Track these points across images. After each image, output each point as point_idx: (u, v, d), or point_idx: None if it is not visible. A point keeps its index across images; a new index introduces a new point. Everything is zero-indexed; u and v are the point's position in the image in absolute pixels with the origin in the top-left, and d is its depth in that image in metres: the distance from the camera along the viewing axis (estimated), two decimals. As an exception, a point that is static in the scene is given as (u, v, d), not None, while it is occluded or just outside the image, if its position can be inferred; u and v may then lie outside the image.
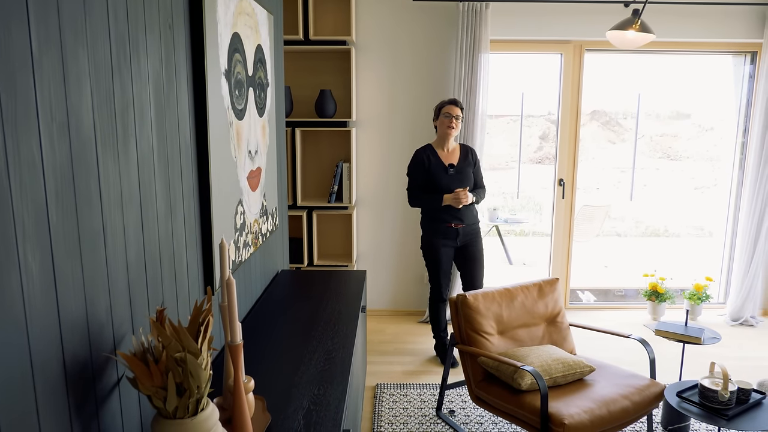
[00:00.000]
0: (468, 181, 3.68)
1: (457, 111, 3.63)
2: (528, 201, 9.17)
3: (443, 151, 3.71)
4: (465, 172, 3.69)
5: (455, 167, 3.68)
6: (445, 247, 3.72)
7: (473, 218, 3.75)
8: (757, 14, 4.40)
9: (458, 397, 3.41)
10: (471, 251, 3.77)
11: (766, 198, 4.51)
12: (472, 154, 3.79)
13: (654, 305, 4.68)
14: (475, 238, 3.78)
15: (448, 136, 3.65)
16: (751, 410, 2.49)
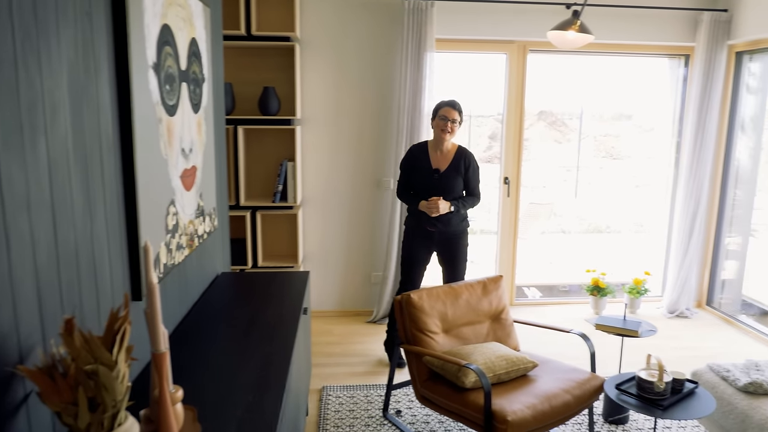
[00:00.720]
0: (452, 188, 3.53)
1: (454, 114, 3.48)
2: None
3: (435, 153, 3.59)
4: (450, 178, 3.53)
5: (440, 173, 3.55)
6: (421, 246, 3.66)
7: (453, 225, 3.58)
8: (689, 19, 4.56)
9: (405, 397, 3.39)
10: (449, 254, 3.67)
11: (698, 196, 4.68)
12: (466, 160, 3.57)
13: (596, 300, 4.79)
14: (455, 241, 3.64)
15: (441, 140, 3.54)
16: (685, 399, 2.56)
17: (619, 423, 3.13)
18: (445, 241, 3.64)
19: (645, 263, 5.21)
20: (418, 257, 3.69)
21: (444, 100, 3.57)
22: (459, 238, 3.66)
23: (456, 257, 3.68)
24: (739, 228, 4.88)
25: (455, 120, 3.50)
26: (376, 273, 4.69)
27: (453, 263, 3.69)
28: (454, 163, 3.56)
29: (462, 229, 3.66)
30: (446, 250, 3.67)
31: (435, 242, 3.65)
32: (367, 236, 4.65)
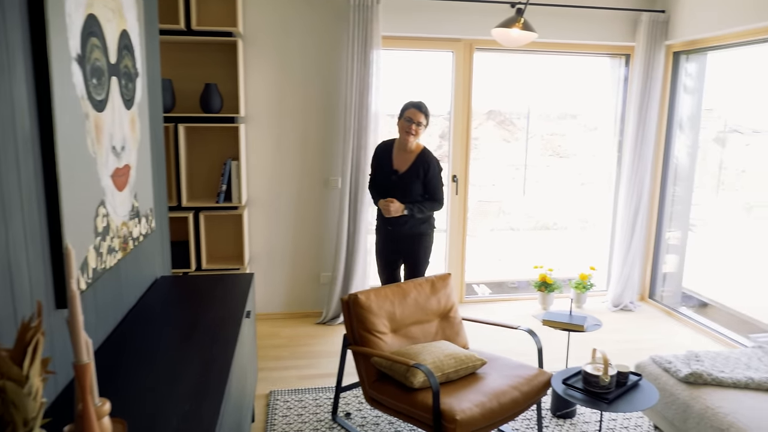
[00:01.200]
0: (409, 191, 3.52)
1: (420, 117, 3.47)
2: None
3: (399, 154, 3.58)
4: (408, 181, 3.52)
5: (399, 175, 3.55)
6: (386, 245, 3.71)
7: (409, 227, 3.58)
8: (629, 19, 4.68)
9: (355, 399, 3.33)
10: (408, 254, 3.67)
11: (640, 192, 4.81)
12: (426, 164, 3.53)
13: (544, 295, 4.86)
14: (414, 241, 3.62)
15: (405, 141, 3.52)
16: (629, 392, 2.61)
17: (566, 417, 3.17)
18: (405, 240, 3.64)
19: (590, 259, 5.33)
20: (386, 256, 3.73)
21: (412, 101, 3.55)
22: (418, 238, 3.64)
23: (414, 257, 3.68)
24: (678, 223, 5.05)
25: (420, 123, 3.49)
26: (325, 273, 4.61)
27: (411, 263, 3.70)
28: (414, 165, 3.54)
29: (422, 231, 3.63)
30: (406, 249, 3.68)
31: (396, 240, 3.66)
32: (315, 236, 4.57)
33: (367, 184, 4.37)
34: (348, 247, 4.45)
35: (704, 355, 2.88)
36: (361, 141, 4.33)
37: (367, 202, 4.41)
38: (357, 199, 4.38)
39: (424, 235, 3.66)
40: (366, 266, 4.54)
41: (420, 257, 3.69)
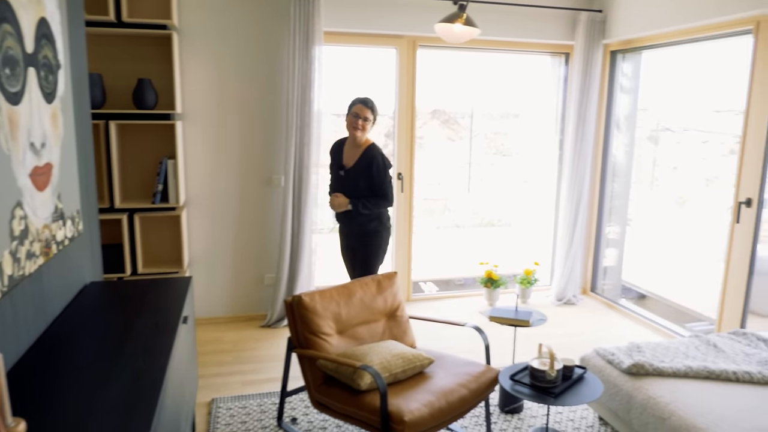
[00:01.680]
0: (355, 186, 3.53)
1: (366, 112, 3.49)
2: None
3: (349, 149, 3.60)
4: (354, 176, 3.54)
5: (346, 170, 3.57)
6: (343, 242, 3.80)
7: (358, 223, 3.58)
8: (568, 18, 4.77)
9: (301, 403, 3.24)
10: (359, 252, 3.67)
11: (580, 189, 4.91)
12: (371, 159, 3.52)
13: (490, 291, 4.89)
14: (364, 239, 3.61)
15: (353, 137, 3.55)
16: (575, 385, 2.62)
17: (514, 412, 3.17)
18: (356, 237, 3.66)
19: (534, 254, 5.40)
20: (345, 253, 3.82)
21: (359, 97, 3.55)
22: (368, 236, 3.61)
23: (364, 255, 3.65)
24: (617, 218, 5.18)
25: (367, 118, 3.49)
26: (269, 275, 4.49)
27: (361, 261, 3.67)
28: (361, 161, 3.54)
29: (372, 229, 3.60)
30: (357, 247, 3.67)
31: (351, 238, 3.70)
32: (258, 236, 4.44)
33: (311, 181, 4.29)
34: (292, 247, 4.34)
35: (645, 346, 2.94)
36: (304, 138, 4.23)
37: (311, 200, 4.32)
38: (300, 198, 4.28)
39: (374, 233, 3.62)
40: (311, 266, 4.45)
41: (370, 255, 3.65)
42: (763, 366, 2.73)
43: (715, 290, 3.97)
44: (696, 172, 6.77)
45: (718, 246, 6.13)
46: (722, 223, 6.71)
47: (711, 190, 7.31)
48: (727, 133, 6.63)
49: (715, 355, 2.86)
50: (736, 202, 3.68)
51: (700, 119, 6.55)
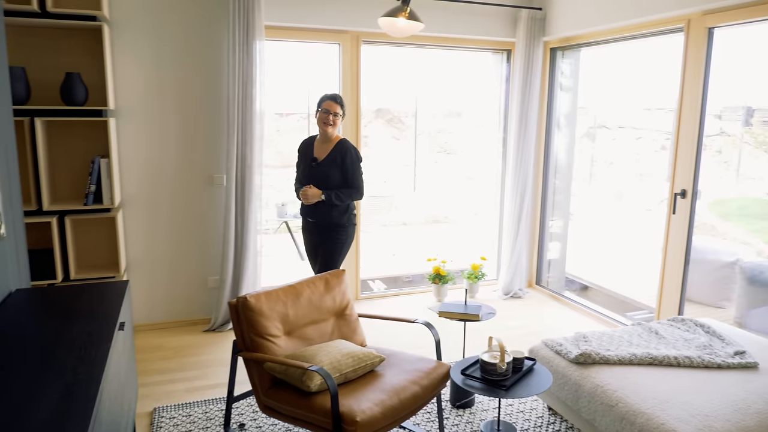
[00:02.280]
0: (327, 178, 3.59)
1: (336, 108, 3.58)
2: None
3: (320, 144, 3.67)
4: (326, 168, 3.60)
5: (318, 162, 3.62)
6: (308, 239, 3.82)
7: (328, 217, 3.62)
8: (510, 15, 4.82)
9: (249, 408, 3.13)
10: (324, 246, 3.70)
11: (524, 185, 4.99)
12: (343, 152, 3.60)
13: (438, 287, 4.90)
14: (331, 233, 3.66)
15: (324, 132, 3.62)
16: (525, 377, 2.64)
17: (466, 407, 3.17)
18: (323, 232, 3.69)
19: (481, 249, 5.45)
20: (310, 248, 3.83)
21: (327, 93, 3.64)
22: (335, 229, 3.66)
23: (329, 249, 3.67)
24: (560, 212, 5.29)
25: (337, 113, 3.59)
26: (213, 277, 4.33)
27: (325, 255, 3.68)
28: (332, 154, 3.61)
29: (340, 222, 3.66)
30: (323, 241, 3.70)
31: (315, 233, 3.73)
32: (200, 237, 4.28)
33: (254, 181, 4.17)
34: (236, 248, 4.21)
35: (591, 336, 2.99)
36: (246, 136, 4.10)
37: (255, 200, 4.20)
38: (244, 197, 4.16)
39: (342, 227, 3.68)
40: (256, 268, 4.33)
41: (335, 249, 3.69)
42: (701, 350, 2.82)
43: (654, 279, 4.10)
44: (631, 168, 7.01)
45: (655, 237, 6.37)
46: (658, 215, 6.99)
47: (646, 184, 7.60)
48: (659, 130, 6.90)
49: (657, 341, 2.95)
50: (672, 194, 3.81)
51: (634, 116, 6.79)
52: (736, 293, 4.49)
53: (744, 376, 2.61)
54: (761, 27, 3.39)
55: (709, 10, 3.45)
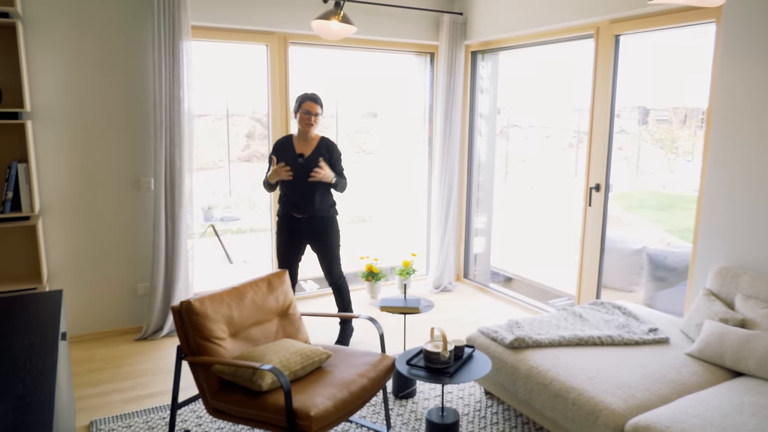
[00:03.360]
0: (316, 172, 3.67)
1: (316, 108, 3.68)
2: (240, 198, 9.04)
3: (300, 142, 3.75)
4: (314, 161, 3.69)
5: (305, 157, 3.69)
6: (291, 238, 3.80)
7: (320, 209, 3.73)
8: (433, 19, 5.00)
9: (192, 414, 3.09)
10: (320, 241, 3.79)
11: (450, 182, 5.18)
12: (329, 147, 3.76)
13: (371, 285, 5.00)
14: (323, 227, 3.76)
15: (306, 132, 3.71)
16: (466, 364, 2.79)
17: (408, 397, 3.29)
18: (314, 228, 3.77)
19: (409, 246, 5.61)
20: (290, 250, 3.83)
21: (306, 93, 3.71)
22: (328, 223, 3.79)
23: (328, 244, 3.80)
24: (483, 208, 5.55)
25: (317, 113, 3.70)
26: (142, 284, 4.20)
27: (325, 249, 3.80)
28: (318, 149, 3.74)
29: (330, 215, 3.80)
30: (317, 237, 3.78)
31: (304, 232, 3.78)
32: (127, 244, 4.13)
33: (184, 185, 4.08)
34: (167, 253, 4.11)
35: (523, 322, 3.19)
36: (174, 138, 4.02)
37: (185, 204, 4.11)
38: (174, 201, 4.06)
39: (332, 218, 3.82)
40: (188, 272, 4.24)
41: (333, 242, 3.83)
42: (621, 330, 3.09)
43: (570, 268, 4.41)
44: (542, 164, 7.45)
45: (569, 229, 6.81)
46: (571, 208, 7.46)
47: (557, 179, 8.08)
48: (567, 128, 7.38)
49: (582, 324, 3.19)
50: (587, 188, 4.12)
51: (545, 116, 7.22)
52: (644, 278, 4.91)
53: (658, 350, 2.89)
54: (658, 35, 3.74)
55: (616, 19, 3.77)
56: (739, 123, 3.08)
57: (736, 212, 3.14)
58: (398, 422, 3.04)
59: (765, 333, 2.65)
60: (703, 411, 2.28)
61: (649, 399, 2.46)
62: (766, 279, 2.90)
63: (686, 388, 2.56)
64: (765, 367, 2.56)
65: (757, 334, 2.65)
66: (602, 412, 2.39)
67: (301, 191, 3.69)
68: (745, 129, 3.05)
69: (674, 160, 8.99)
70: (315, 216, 3.74)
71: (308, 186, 3.67)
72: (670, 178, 9.03)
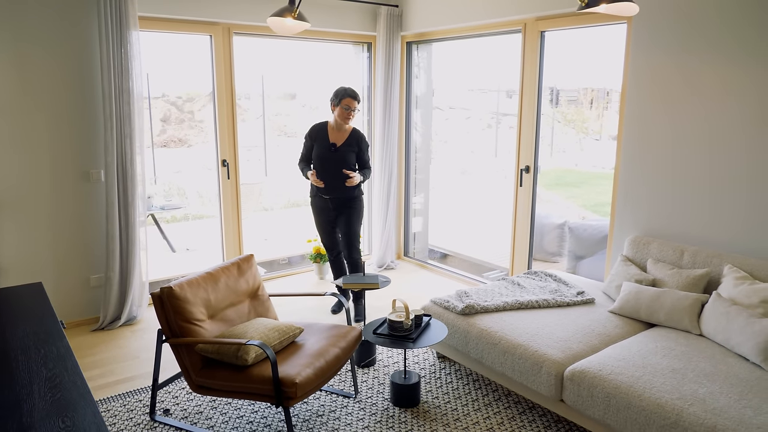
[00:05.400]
0: (345, 160, 4.12)
1: (355, 104, 4.08)
2: (172, 186, 8.92)
3: (334, 132, 4.15)
4: (344, 152, 4.12)
5: (337, 147, 4.11)
6: (324, 214, 4.29)
7: (344, 192, 4.18)
8: (371, 11, 5.24)
9: (168, 395, 3.25)
10: (346, 215, 4.24)
11: (391, 165, 5.49)
12: (359, 139, 4.19)
13: (320, 266, 5.25)
14: (350, 203, 4.22)
15: (344, 125, 4.13)
16: (425, 330, 3.13)
17: (369, 365, 3.60)
18: (341, 206, 4.24)
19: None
20: (326, 223, 4.31)
21: (346, 90, 4.09)
22: (353, 201, 4.24)
23: (351, 219, 4.23)
24: (421, 189, 5.90)
25: (356, 109, 4.12)
26: (96, 275, 4.24)
27: (348, 223, 4.23)
28: (349, 140, 4.16)
29: (357, 195, 4.26)
30: (343, 212, 4.24)
31: (333, 208, 4.26)
32: (79, 236, 4.15)
33: (137, 174, 4.14)
34: (122, 243, 4.17)
35: (470, 291, 3.57)
36: (125, 129, 4.06)
37: (138, 194, 4.18)
38: (127, 191, 4.12)
39: (359, 198, 4.27)
40: (142, 261, 4.31)
41: (356, 219, 4.26)
42: (554, 294, 3.54)
43: (501, 243, 4.86)
44: (469, 145, 7.92)
45: (498, 207, 7.33)
46: (497, 188, 8.00)
47: (484, 159, 8.61)
48: (493, 111, 7.88)
49: (521, 291, 3.62)
50: (518, 169, 4.55)
51: (472, 102, 7.68)
52: (566, 249, 5.47)
53: (586, 309, 3.36)
54: (570, 31, 4.20)
55: (541, 17, 4.18)
56: (648, 107, 3.57)
57: (647, 187, 3.65)
58: (363, 387, 3.34)
59: (671, 290, 3.16)
60: (626, 355, 2.74)
61: (582, 349, 2.90)
62: (671, 245, 3.43)
63: (611, 338, 3.03)
64: (672, 318, 3.07)
65: (665, 291, 3.16)
66: (545, 363, 2.80)
67: (334, 177, 4.12)
68: (653, 112, 3.55)
69: (584, 140, 9.77)
70: (344, 196, 4.19)
71: (339, 173, 4.11)
72: (581, 157, 9.82)
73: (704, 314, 2.98)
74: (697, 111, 3.33)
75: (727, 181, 3.25)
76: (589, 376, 2.63)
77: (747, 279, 2.98)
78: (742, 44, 3.10)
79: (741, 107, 3.14)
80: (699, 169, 3.37)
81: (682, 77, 3.38)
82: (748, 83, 3.09)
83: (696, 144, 3.36)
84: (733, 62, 3.14)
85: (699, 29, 3.26)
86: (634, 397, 2.45)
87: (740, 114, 3.15)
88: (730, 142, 3.21)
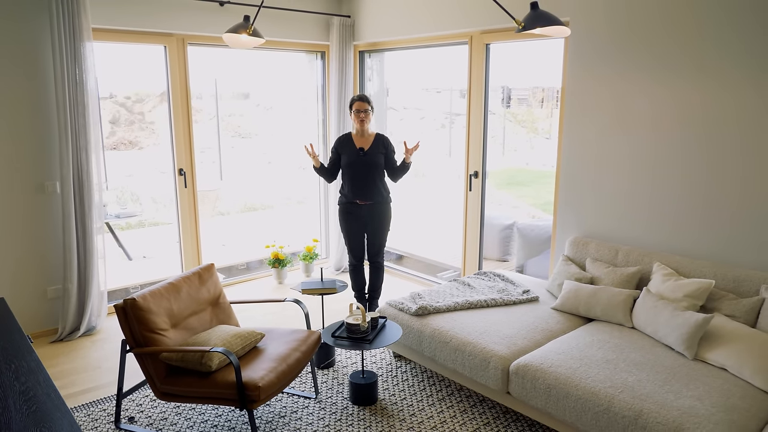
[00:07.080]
0: (375, 162, 4.23)
1: (365, 106, 4.22)
2: (125, 191, 8.81)
3: (359, 138, 4.28)
4: (374, 155, 4.24)
5: (365, 151, 4.24)
6: (354, 220, 4.33)
7: (379, 197, 4.27)
8: (324, 22, 5.38)
9: (132, 403, 3.32)
10: (376, 222, 4.32)
11: (346, 169, 5.64)
12: (385, 142, 4.31)
13: (278, 271, 5.36)
14: (380, 210, 4.30)
15: (361, 128, 4.25)
16: (381, 331, 3.31)
17: (328, 366, 3.75)
18: (373, 213, 4.30)
19: (310, 232, 6.01)
20: (354, 229, 4.36)
21: (354, 95, 4.34)
22: (383, 206, 4.33)
23: (381, 227, 4.35)
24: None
25: (367, 110, 4.23)
26: (53, 287, 4.24)
27: (378, 232, 4.34)
28: (375, 144, 4.29)
29: (387, 201, 4.35)
30: (375, 220, 4.31)
31: (365, 216, 4.31)
32: (33, 248, 4.14)
33: (93, 186, 4.16)
34: (79, 254, 4.19)
35: (423, 293, 3.77)
36: (80, 142, 4.08)
37: (96, 205, 4.20)
38: (83, 202, 4.14)
39: (389, 205, 4.38)
40: (101, 271, 4.33)
41: (386, 225, 4.38)
42: (501, 293, 3.77)
43: (453, 245, 5.08)
44: (427, 145, 8.14)
45: (452, 208, 7.57)
46: (450, 189, 8.24)
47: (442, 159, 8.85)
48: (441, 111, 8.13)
49: (471, 291, 3.83)
50: (467, 175, 4.78)
51: (424, 105, 7.91)
52: (515, 248, 5.74)
53: (531, 307, 3.60)
54: (515, 43, 4.45)
55: (485, 30, 4.41)
56: (585, 107, 3.84)
57: (585, 189, 3.92)
58: (323, 388, 3.50)
59: (607, 287, 3.43)
60: (565, 349, 2.98)
61: (526, 345, 3.13)
62: (607, 245, 3.71)
63: (553, 333, 3.28)
64: (608, 313, 3.34)
65: (601, 288, 3.43)
66: (492, 358, 3.02)
67: (365, 181, 4.23)
68: (590, 113, 3.82)
69: (534, 138, 10.14)
70: (376, 202, 4.27)
71: (371, 176, 4.23)
72: (531, 156, 10.19)
73: (636, 309, 3.26)
74: (627, 119, 3.62)
75: (660, 184, 3.54)
76: (532, 370, 2.86)
77: (673, 275, 3.27)
78: (661, 60, 3.39)
79: (668, 117, 3.44)
80: (633, 173, 3.66)
81: (612, 87, 3.66)
82: (668, 95, 3.39)
83: (628, 150, 3.65)
84: (655, 78, 3.43)
85: (625, 47, 3.55)
86: (571, 387, 2.69)
87: (667, 123, 3.45)
88: (658, 148, 3.50)
